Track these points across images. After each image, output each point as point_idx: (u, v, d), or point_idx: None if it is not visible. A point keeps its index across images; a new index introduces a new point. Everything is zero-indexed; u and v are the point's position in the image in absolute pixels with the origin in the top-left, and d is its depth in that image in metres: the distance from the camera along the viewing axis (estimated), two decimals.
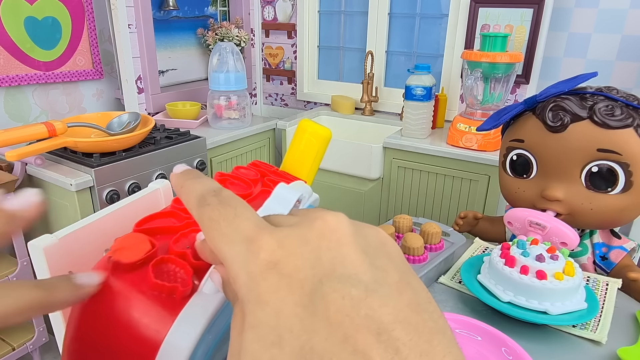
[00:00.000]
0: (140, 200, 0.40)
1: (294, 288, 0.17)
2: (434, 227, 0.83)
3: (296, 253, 0.18)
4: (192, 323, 0.23)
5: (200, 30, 2.21)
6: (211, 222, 0.20)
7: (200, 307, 0.23)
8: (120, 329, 0.23)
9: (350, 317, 0.16)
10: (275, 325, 0.17)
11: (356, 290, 0.17)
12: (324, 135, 0.40)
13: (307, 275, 0.18)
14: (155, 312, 0.23)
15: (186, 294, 0.24)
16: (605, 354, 0.63)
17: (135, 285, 0.24)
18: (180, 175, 0.23)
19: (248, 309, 0.18)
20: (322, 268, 0.18)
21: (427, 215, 1.80)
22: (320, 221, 0.20)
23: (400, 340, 0.16)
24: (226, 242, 0.19)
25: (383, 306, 0.17)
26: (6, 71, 1.56)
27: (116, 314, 0.24)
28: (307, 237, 0.19)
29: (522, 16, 1.74)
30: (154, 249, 0.26)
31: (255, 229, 0.19)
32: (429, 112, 1.75)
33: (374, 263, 0.19)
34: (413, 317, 0.17)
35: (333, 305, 0.16)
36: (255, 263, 0.18)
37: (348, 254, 0.19)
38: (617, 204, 0.77)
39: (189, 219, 0.30)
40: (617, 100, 0.75)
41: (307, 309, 0.17)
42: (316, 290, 0.17)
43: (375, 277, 0.18)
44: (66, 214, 1.39)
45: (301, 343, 0.16)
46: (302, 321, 0.16)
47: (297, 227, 0.20)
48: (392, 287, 0.18)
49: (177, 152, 1.58)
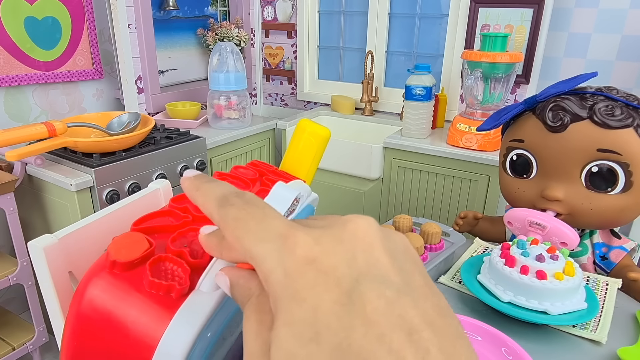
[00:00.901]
0: (140, 200, 0.40)
1: (331, 285, 0.17)
2: (434, 227, 0.83)
3: (333, 251, 0.18)
4: (189, 321, 0.23)
5: (200, 30, 2.21)
6: (237, 221, 0.20)
7: (198, 305, 0.23)
8: (118, 327, 0.23)
9: (385, 316, 0.16)
10: (313, 321, 0.17)
11: (390, 292, 0.17)
12: (323, 135, 0.40)
13: (344, 274, 0.18)
14: (152, 311, 0.23)
15: (183, 293, 0.24)
16: (605, 354, 0.63)
17: (132, 284, 0.24)
18: (194, 178, 0.23)
19: (282, 305, 0.18)
20: (357, 267, 0.18)
21: (427, 215, 1.80)
22: (352, 224, 0.20)
23: (429, 341, 0.16)
24: (257, 240, 0.19)
25: (413, 308, 0.17)
26: (6, 71, 1.56)
27: (114, 312, 0.24)
28: (342, 237, 0.19)
29: (522, 16, 1.74)
30: (151, 247, 0.26)
31: (288, 227, 0.19)
32: (429, 112, 1.75)
33: (402, 267, 0.19)
34: (438, 321, 0.17)
35: (370, 304, 0.17)
36: (291, 259, 0.18)
37: (380, 257, 0.19)
38: (617, 204, 0.77)
39: (186, 218, 0.30)
40: (617, 100, 0.75)
41: (345, 307, 0.17)
42: (353, 289, 0.17)
43: (405, 281, 0.18)
44: (66, 214, 1.39)
45: (339, 340, 0.16)
46: (339, 318, 0.17)
47: (329, 228, 0.20)
48: (419, 291, 0.18)
49: (177, 152, 1.58)
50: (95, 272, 0.25)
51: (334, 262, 0.18)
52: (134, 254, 0.25)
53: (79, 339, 0.25)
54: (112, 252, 0.25)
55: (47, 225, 1.49)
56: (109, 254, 0.25)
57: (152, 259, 0.25)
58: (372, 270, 0.18)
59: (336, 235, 0.19)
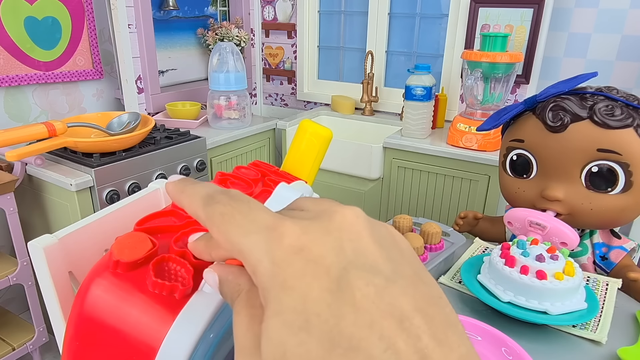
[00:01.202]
0: (140, 200, 0.40)
1: (320, 274, 0.17)
2: (434, 227, 0.83)
3: (320, 240, 0.18)
4: (192, 322, 0.23)
5: (200, 30, 2.21)
6: (223, 216, 0.20)
7: (201, 306, 0.23)
8: (121, 327, 0.23)
9: (375, 303, 0.17)
10: (302, 310, 0.17)
11: (378, 280, 0.17)
12: (325, 136, 0.40)
13: (333, 262, 0.18)
14: (155, 311, 0.23)
15: (187, 293, 0.23)
16: (605, 354, 0.63)
17: (135, 284, 0.24)
18: (179, 182, 0.23)
19: (271, 295, 0.18)
20: (345, 256, 0.18)
21: (427, 215, 1.80)
22: (339, 215, 0.20)
23: (420, 328, 0.16)
24: (243, 232, 0.19)
25: (403, 295, 0.17)
26: (6, 71, 1.56)
27: (116, 312, 0.24)
28: (328, 228, 0.19)
29: (522, 16, 1.74)
30: (154, 247, 0.26)
31: (274, 218, 0.19)
32: (429, 112, 1.75)
33: (390, 256, 0.19)
34: (429, 309, 0.17)
35: (359, 292, 0.17)
36: (279, 249, 0.18)
37: (367, 246, 0.19)
38: (617, 204, 0.77)
39: (190, 218, 0.30)
40: (617, 100, 0.75)
41: (334, 294, 0.17)
42: (342, 277, 0.17)
43: (393, 269, 0.18)
44: (66, 214, 1.39)
45: (329, 327, 0.16)
46: (329, 306, 0.17)
47: (316, 219, 0.20)
48: (408, 280, 0.18)
49: (177, 152, 1.58)
50: (98, 272, 0.25)
51: (322, 251, 0.18)
52: (137, 254, 0.25)
53: (81, 339, 0.25)
54: (115, 252, 0.25)
55: (47, 225, 1.49)
56: (112, 254, 0.25)
57: (156, 259, 0.25)
58: (360, 259, 0.18)
59: (323, 225, 0.19)
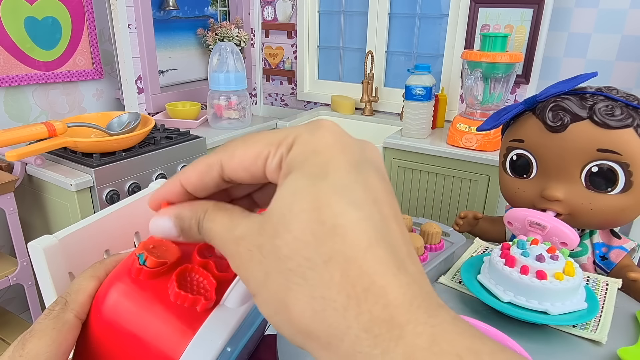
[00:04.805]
0: (140, 201, 0.40)
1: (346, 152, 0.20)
2: (434, 227, 0.83)
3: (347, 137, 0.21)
4: (213, 338, 0.22)
5: (200, 30, 2.21)
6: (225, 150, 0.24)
7: (222, 321, 0.23)
8: (139, 336, 0.23)
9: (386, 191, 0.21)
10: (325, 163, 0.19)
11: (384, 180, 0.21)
12: None
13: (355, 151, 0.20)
14: (176, 323, 0.22)
15: (208, 307, 0.23)
16: (605, 354, 0.63)
17: (156, 294, 0.23)
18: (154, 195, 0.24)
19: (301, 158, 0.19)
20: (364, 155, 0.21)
21: (427, 215, 1.80)
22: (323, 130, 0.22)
23: None
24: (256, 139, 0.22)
25: None
26: (6, 71, 1.56)
27: (136, 319, 0.23)
28: None
29: (522, 16, 1.74)
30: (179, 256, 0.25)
31: None
32: (429, 112, 1.75)
33: None
34: None
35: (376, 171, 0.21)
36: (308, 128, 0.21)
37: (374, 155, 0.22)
38: (617, 204, 0.77)
39: None
40: (617, 100, 0.75)
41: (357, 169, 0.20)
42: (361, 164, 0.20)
43: None
44: (66, 214, 1.39)
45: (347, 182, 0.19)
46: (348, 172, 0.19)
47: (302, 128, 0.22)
48: None
49: (177, 152, 1.58)
50: (118, 277, 0.24)
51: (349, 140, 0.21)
52: (162, 261, 0.24)
53: (96, 343, 0.24)
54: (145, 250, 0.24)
55: (47, 225, 1.49)
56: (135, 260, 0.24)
57: (179, 269, 0.23)
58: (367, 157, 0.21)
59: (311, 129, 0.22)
